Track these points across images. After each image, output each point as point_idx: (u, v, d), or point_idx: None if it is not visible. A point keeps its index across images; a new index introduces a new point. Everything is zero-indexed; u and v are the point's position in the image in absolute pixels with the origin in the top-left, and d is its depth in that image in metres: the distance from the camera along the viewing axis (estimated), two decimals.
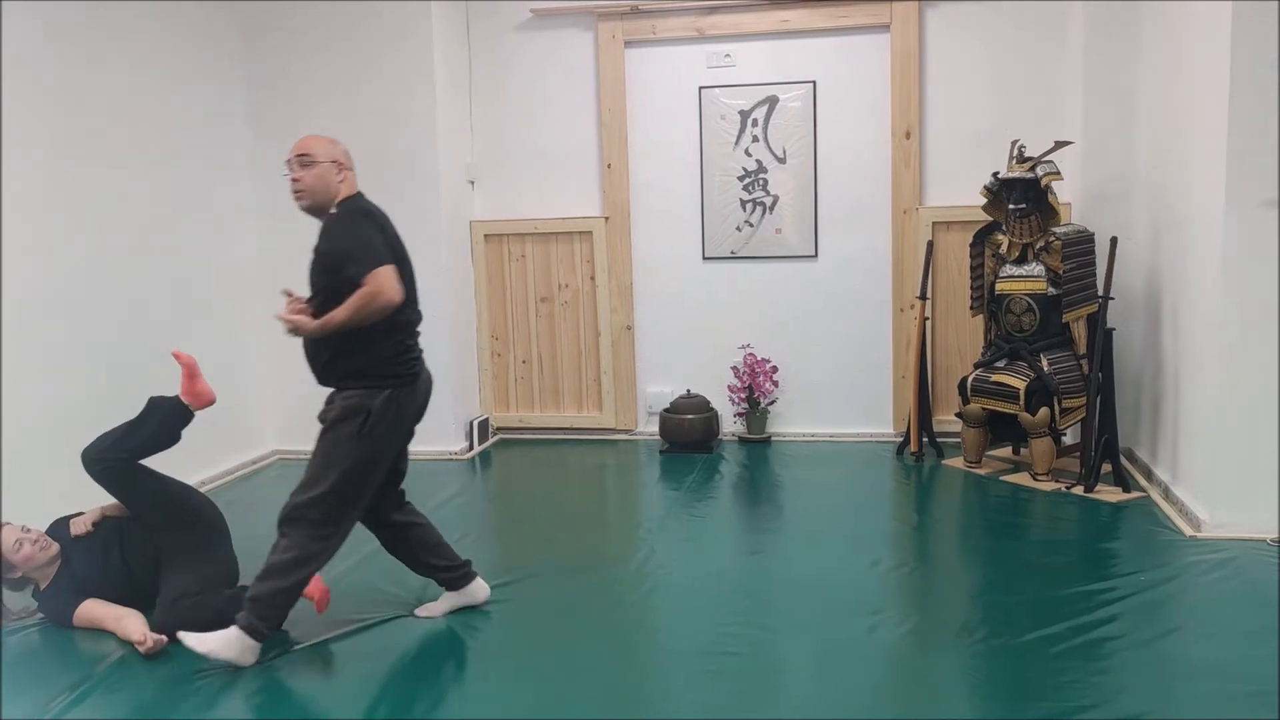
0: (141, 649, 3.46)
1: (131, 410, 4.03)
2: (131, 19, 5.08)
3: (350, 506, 3.45)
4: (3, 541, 3.71)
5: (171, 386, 4.19)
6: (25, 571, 3.75)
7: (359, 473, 3.41)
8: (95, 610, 3.70)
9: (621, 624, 3.66)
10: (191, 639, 3.33)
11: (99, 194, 4.87)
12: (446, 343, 6.09)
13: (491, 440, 6.49)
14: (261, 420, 6.17)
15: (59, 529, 3.90)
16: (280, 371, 6.23)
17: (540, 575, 4.19)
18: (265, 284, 6.14)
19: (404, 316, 3.45)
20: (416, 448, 5.97)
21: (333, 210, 3.45)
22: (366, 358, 3.38)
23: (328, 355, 3.41)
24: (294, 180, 3.44)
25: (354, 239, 3.36)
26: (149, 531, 3.84)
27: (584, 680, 3.26)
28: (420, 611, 3.79)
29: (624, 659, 3.42)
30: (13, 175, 4.36)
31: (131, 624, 3.58)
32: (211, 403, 4.06)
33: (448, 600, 3.80)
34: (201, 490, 4.58)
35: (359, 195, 3.52)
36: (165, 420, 3.94)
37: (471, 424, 6.27)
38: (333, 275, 3.36)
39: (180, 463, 4.21)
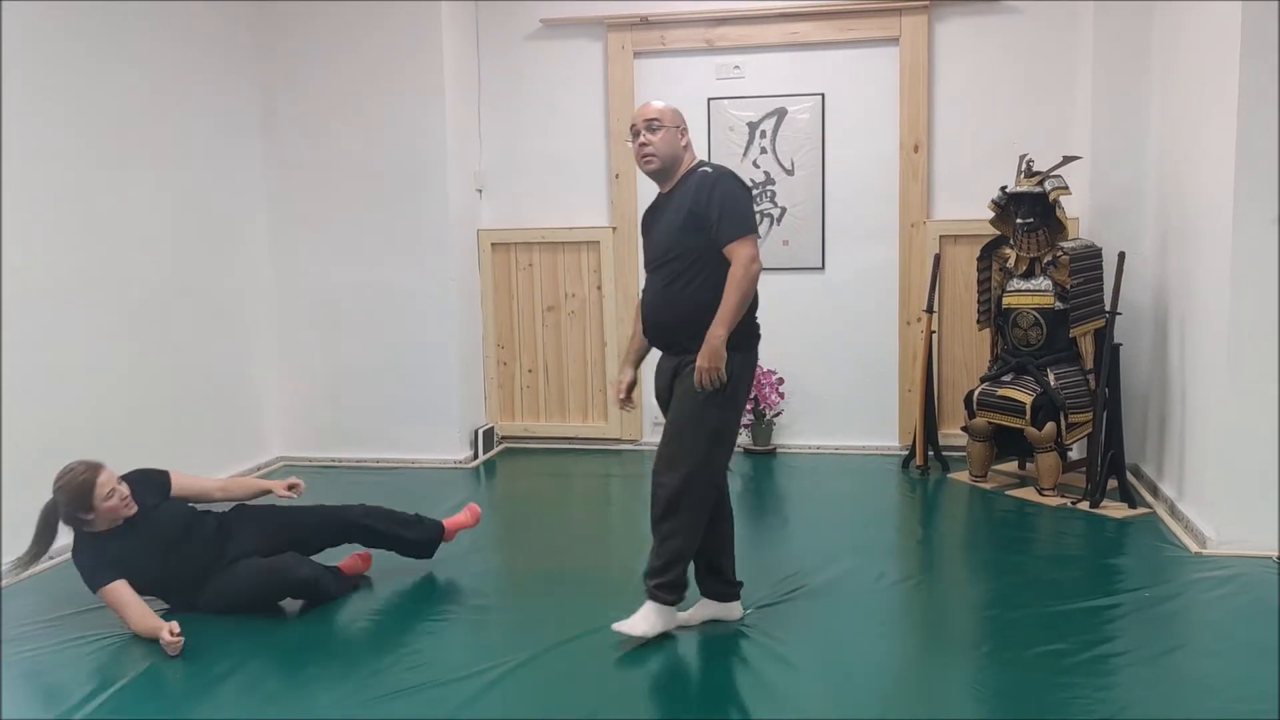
0: (172, 650, 3.48)
1: (136, 413, 4.05)
2: (144, 26, 5.10)
3: (722, 473, 3.57)
4: (99, 482, 3.68)
5: (183, 390, 4.20)
6: (97, 516, 3.71)
7: (727, 437, 3.51)
8: (123, 594, 3.67)
9: (624, 634, 3.64)
10: (627, 627, 3.51)
11: (109, 199, 4.88)
12: (453, 351, 6.11)
13: (496, 449, 6.49)
14: (267, 426, 6.17)
15: (149, 484, 3.93)
16: (287, 377, 6.26)
17: (544, 584, 4.19)
18: (274, 289, 6.18)
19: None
20: (421, 455, 6.11)
21: (705, 169, 3.52)
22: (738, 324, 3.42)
23: (696, 325, 3.41)
24: (643, 144, 3.53)
25: (734, 202, 3.44)
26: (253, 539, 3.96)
27: (588, 688, 3.25)
28: (679, 617, 3.69)
29: (629, 668, 3.41)
30: (23, 180, 4.37)
31: (153, 620, 3.60)
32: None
33: (705, 609, 3.73)
34: None
35: (705, 161, 3.62)
36: (425, 540, 4.28)
37: (477, 432, 6.27)
38: (703, 234, 3.43)
39: (187, 467, 4.24)
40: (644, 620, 3.53)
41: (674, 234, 3.50)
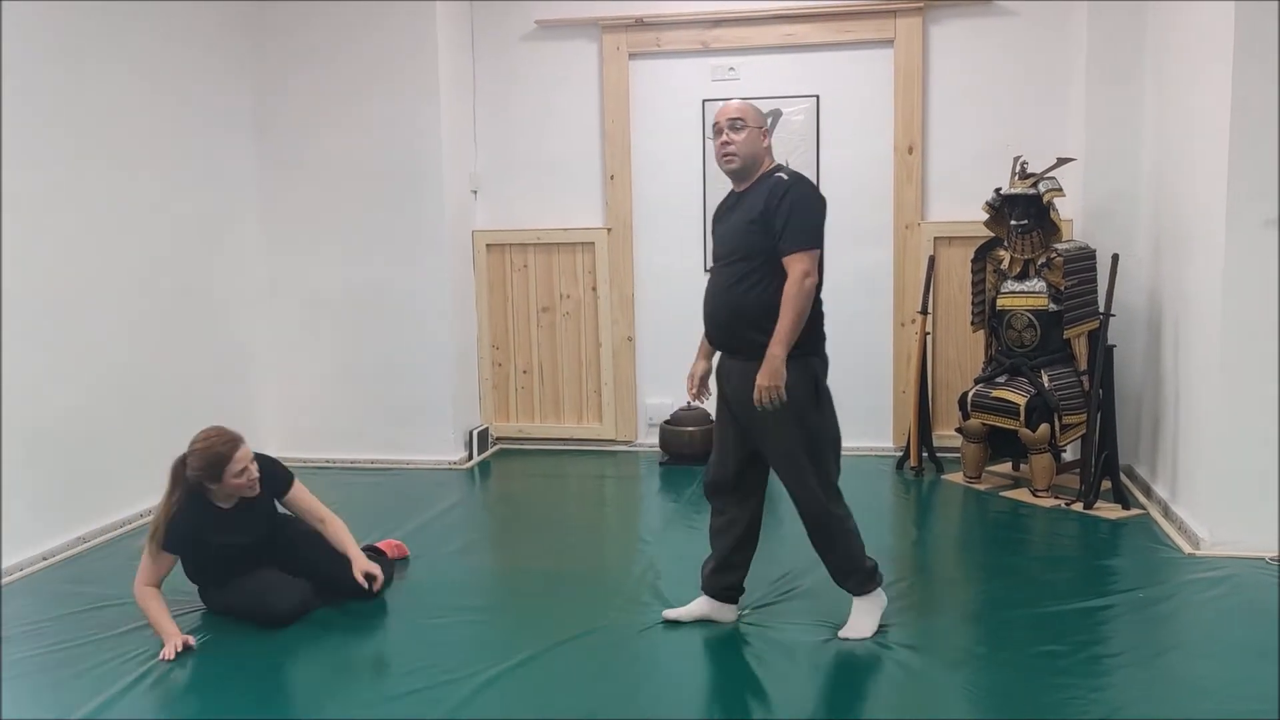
0: (165, 656, 3.48)
1: (131, 413, 4.03)
2: (140, 26, 5.10)
3: (837, 466, 3.57)
4: (235, 457, 3.65)
5: (178, 390, 4.19)
6: (222, 486, 3.69)
7: (831, 437, 3.53)
8: (163, 568, 3.69)
9: (619, 634, 3.66)
10: (852, 632, 3.55)
11: (104, 199, 4.88)
12: (447, 352, 6.11)
13: (491, 450, 6.49)
14: (262, 426, 6.16)
15: (274, 478, 3.90)
16: (282, 378, 6.25)
17: (540, 584, 4.19)
18: (269, 290, 6.18)
19: (819, 294, 3.50)
20: (415, 456, 6.11)
21: (782, 174, 3.48)
22: (804, 330, 3.41)
23: (751, 325, 3.43)
24: (725, 143, 3.49)
25: (804, 213, 3.41)
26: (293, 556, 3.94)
27: (586, 688, 3.26)
28: (670, 614, 3.75)
29: (621, 670, 3.42)
30: (18, 180, 4.37)
31: (169, 624, 3.61)
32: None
33: (703, 606, 3.74)
34: None
35: (782, 165, 3.58)
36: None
37: (471, 433, 6.27)
38: (769, 239, 3.41)
39: None
40: (862, 619, 3.57)
41: (740, 235, 3.49)
